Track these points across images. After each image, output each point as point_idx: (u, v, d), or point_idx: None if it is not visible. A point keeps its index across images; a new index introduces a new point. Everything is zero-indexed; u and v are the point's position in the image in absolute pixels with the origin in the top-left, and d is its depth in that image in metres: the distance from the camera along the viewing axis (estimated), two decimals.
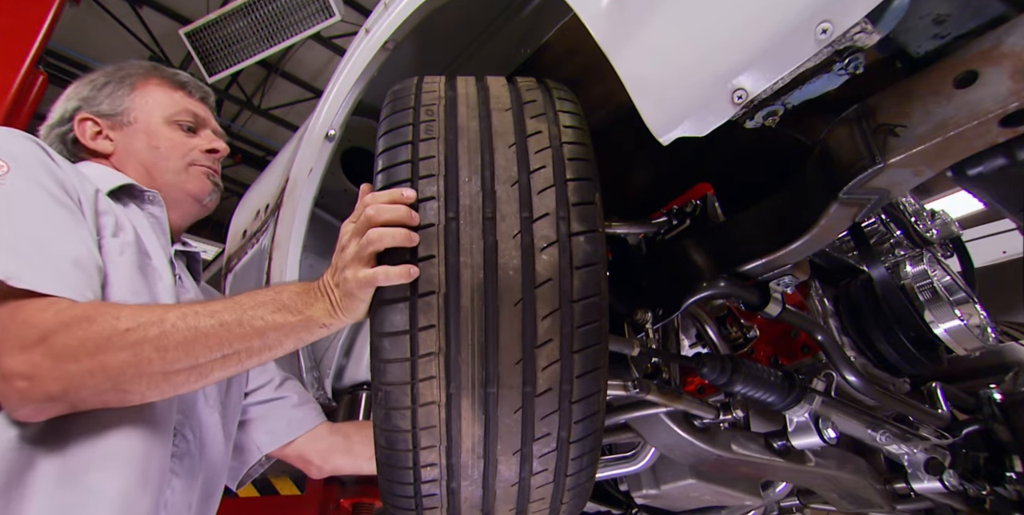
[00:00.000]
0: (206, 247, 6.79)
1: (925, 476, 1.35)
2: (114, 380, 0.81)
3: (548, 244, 0.82)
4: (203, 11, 5.63)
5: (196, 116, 1.30)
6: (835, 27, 0.61)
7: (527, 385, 0.81)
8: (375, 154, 0.89)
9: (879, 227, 1.46)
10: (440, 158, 0.85)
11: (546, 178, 0.85)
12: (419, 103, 0.92)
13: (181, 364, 0.82)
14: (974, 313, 1.24)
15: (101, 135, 1.24)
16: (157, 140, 1.24)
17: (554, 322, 0.81)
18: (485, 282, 0.80)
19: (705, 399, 1.20)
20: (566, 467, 0.89)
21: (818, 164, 0.98)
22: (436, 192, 0.82)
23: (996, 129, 0.75)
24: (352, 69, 1.45)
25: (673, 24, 0.74)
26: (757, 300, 1.07)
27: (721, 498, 1.45)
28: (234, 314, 0.84)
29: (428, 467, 0.84)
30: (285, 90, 8.19)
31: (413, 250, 0.80)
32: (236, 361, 0.85)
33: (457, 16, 1.34)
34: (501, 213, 0.82)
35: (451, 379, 0.79)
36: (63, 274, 0.87)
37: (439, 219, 0.81)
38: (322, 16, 4.33)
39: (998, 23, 0.76)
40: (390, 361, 0.78)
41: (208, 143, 1.29)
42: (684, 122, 0.73)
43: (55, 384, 0.80)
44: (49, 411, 0.84)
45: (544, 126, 0.89)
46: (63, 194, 0.96)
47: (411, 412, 0.80)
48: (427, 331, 0.78)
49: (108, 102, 1.25)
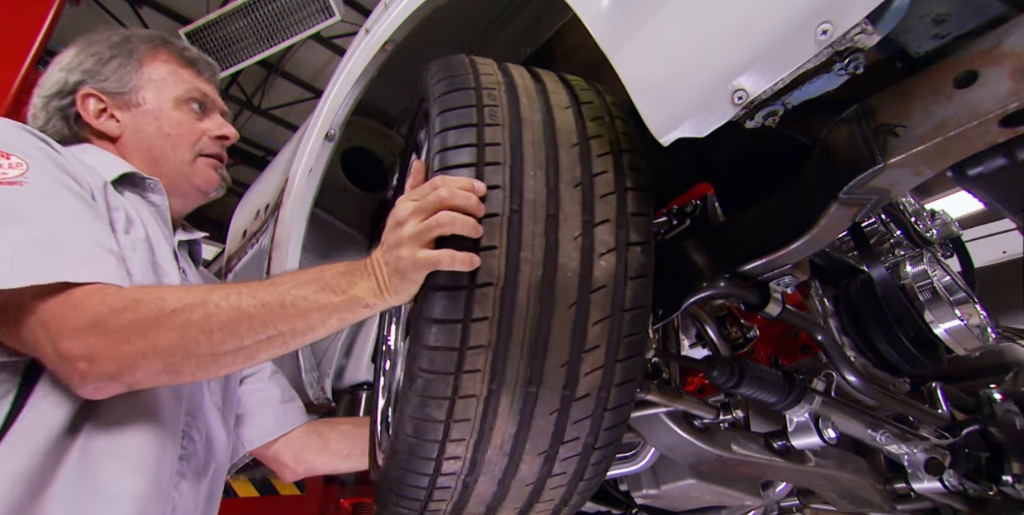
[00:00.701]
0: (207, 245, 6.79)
1: (925, 476, 1.35)
2: (165, 361, 0.82)
3: (607, 251, 0.81)
4: (203, 11, 5.63)
5: (206, 97, 1.26)
6: (835, 28, 0.61)
7: (567, 388, 0.81)
8: (431, 131, 0.86)
9: (879, 227, 1.46)
10: (506, 147, 0.83)
11: (607, 184, 0.85)
12: (479, 84, 0.89)
13: (227, 346, 0.82)
14: (974, 313, 1.24)
15: (106, 114, 1.18)
16: (168, 125, 1.19)
17: (603, 329, 0.80)
18: (543, 280, 0.79)
19: (705, 399, 1.20)
20: (583, 472, 0.89)
21: (818, 164, 0.98)
22: (502, 182, 0.81)
23: (996, 129, 0.75)
24: (352, 69, 1.45)
25: (673, 24, 0.74)
26: (757, 300, 1.07)
27: (721, 498, 1.45)
28: (276, 294, 0.82)
29: (451, 460, 0.83)
30: (285, 90, 8.19)
31: (475, 239, 0.77)
32: (280, 342, 0.84)
33: (457, 16, 1.35)
34: (564, 213, 0.81)
35: (496, 374, 0.78)
36: (104, 262, 0.87)
37: (503, 210, 0.79)
38: (322, 16, 4.33)
39: (998, 23, 0.76)
40: (436, 349, 0.76)
41: (218, 128, 1.25)
42: (684, 122, 0.73)
43: (112, 364, 0.81)
44: (109, 389, 0.85)
45: (604, 130, 0.88)
46: (80, 188, 0.95)
47: (449, 403, 0.78)
48: (480, 323, 0.77)
49: (115, 78, 1.18)
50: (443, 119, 0.85)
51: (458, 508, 0.90)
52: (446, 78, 0.91)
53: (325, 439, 1.35)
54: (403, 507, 0.90)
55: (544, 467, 0.86)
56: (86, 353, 0.80)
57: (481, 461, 0.83)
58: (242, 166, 8.75)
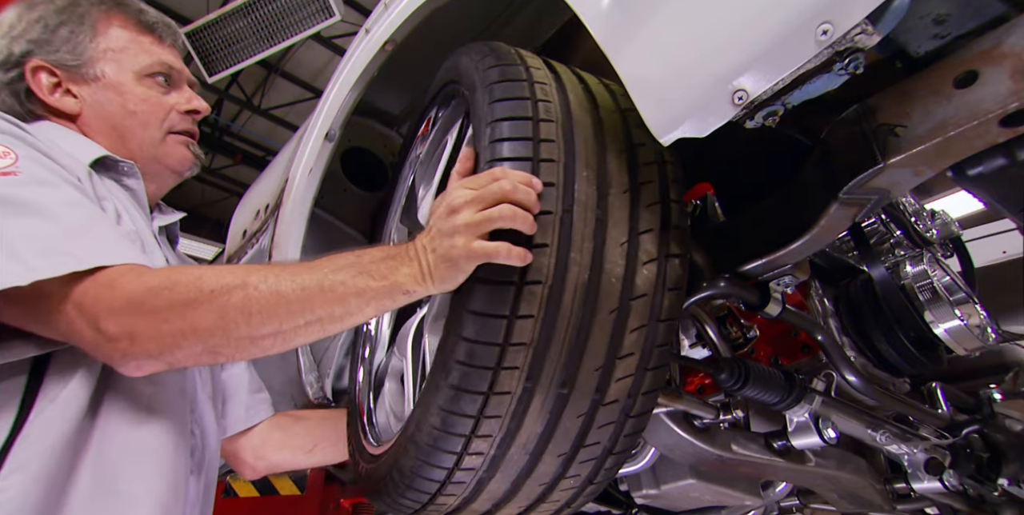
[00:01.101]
0: (207, 245, 6.81)
1: (925, 476, 1.35)
2: (204, 342, 0.80)
3: (649, 260, 0.81)
4: (203, 11, 5.63)
5: (171, 68, 1.15)
6: (835, 28, 0.61)
7: (598, 393, 0.81)
8: (482, 118, 0.85)
9: (879, 227, 1.46)
10: (560, 144, 0.82)
11: (653, 193, 0.85)
12: (531, 77, 0.88)
13: (266, 329, 0.80)
14: (974, 313, 1.24)
15: (60, 89, 1.08)
16: (132, 101, 1.09)
17: (639, 337, 0.81)
18: (589, 283, 0.78)
19: (705, 399, 1.20)
20: (595, 476, 0.89)
21: (818, 164, 0.98)
22: (556, 180, 0.80)
23: (996, 129, 0.75)
24: (352, 69, 1.45)
25: (674, 24, 0.74)
26: (757, 300, 1.07)
27: (721, 498, 1.44)
28: (315, 278, 0.80)
29: (474, 455, 0.82)
30: (285, 90, 8.20)
31: (529, 235, 0.77)
32: (319, 328, 0.82)
33: (458, 16, 1.34)
34: (612, 218, 0.81)
35: (532, 373, 0.78)
36: (126, 245, 0.86)
37: (556, 209, 0.78)
38: (322, 16, 4.33)
39: (998, 23, 0.76)
40: (477, 342, 0.76)
41: (187, 102, 1.16)
42: (685, 123, 0.73)
43: (152, 343, 0.80)
44: (149, 367, 0.84)
45: (648, 139, 0.88)
46: (70, 176, 0.93)
47: (483, 398, 0.77)
48: (525, 320, 0.76)
49: (67, 48, 1.07)
50: (498, 108, 0.84)
51: (465, 503, 0.89)
52: (499, 66, 0.89)
53: (287, 433, 1.29)
54: (408, 498, 0.89)
55: (561, 468, 0.86)
56: (126, 332, 0.79)
57: (502, 459, 0.83)
58: (242, 166, 8.76)
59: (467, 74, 0.97)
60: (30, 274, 0.77)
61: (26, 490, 0.79)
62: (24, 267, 0.78)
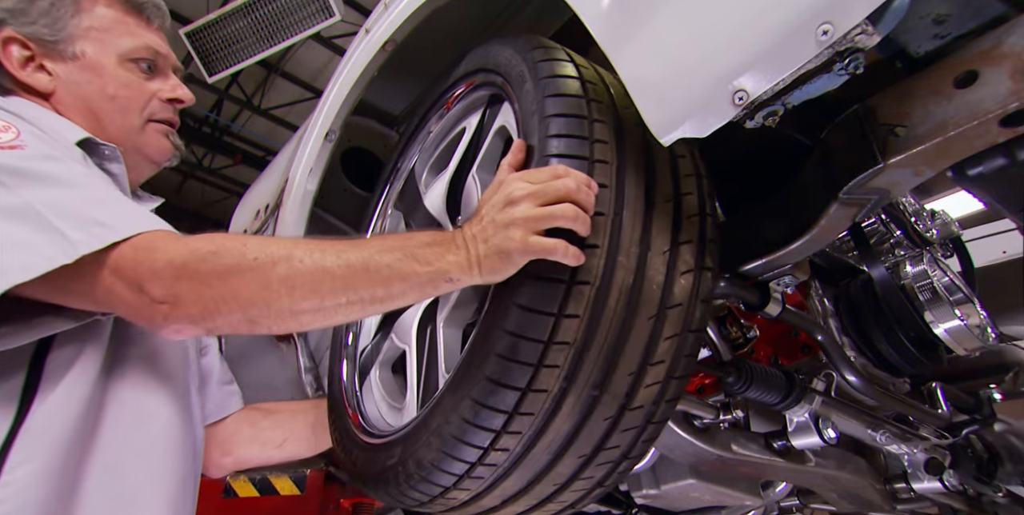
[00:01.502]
0: None
1: (925, 476, 1.35)
2: (245, 311, 0.79)
3: (687, 270, 0.82)
4: (203, 11, 5.63)
5: (157, 54, 1.10)
6: (836, 28, 0.61)
7: (627, 397, 0.81)
8: (536, 112, 0.85)
9: (879, 227, 1.46)
10: (612, 146, 0.82)
11: (692, 206, 0.85)
12: (582, 75, 0.88)
13: (307, 304, 0.78)
14: (974, 313, 1.24)
15: (33, 64, 1.02)
16: (113, 85, 1.04)
17: (671, 346, 0.81)
18: (632, 288, 0.78)
19: (705, 399, 1.20)
20: (608, 478, 0.90)
21: (818, 164, 0.99)
22: (609, 182, 0.80)
23: (996, 129, 0.75)
24: (352, 69, 1.45)
25: (674, 25, 0.74)
26: (757, 300, 1.07)
27: (721, 498, 1.44)
28: (360, 257, 0.78)
29: (499, 451, 0.81)
30: (285, 90, 8.20)
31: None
32: (359, 307, 0.80)
33: (458, 16, 1.35)
34: (657, 225, 0.82)
35: (571, 373, 0.77)
36: (151, 216, 0.85)
37: (609, 211, 0.79)
38: (322, 16, 4.33)
39: (998, 23, 0.76)
40: (522, 337, 0.75)
41: (171, 90, 1.11)
42: (685, 123, 0.73)
43: (194, 307, 0.78)
44: (187, 333, 0.82)
45: (687, 151, 0.89)
46: (75, 154, 0.91)
47: (520, 394, 0.77)
48: (571, 320, 0.76)
49: (44, 22, 1.01)
50: (553, 103, 0.84)
51: (474, 499, 0.89)
52: (551, 60, 0.89)
53: (256, 428, 1.26)
54: (419, 491, 0.88)
55: (577, 470, 0.87)
56: (170, 295, 0.78)
57: (525, 457, 0.82)
58: (242, 166, 8.76)
59: (511, 65, 0.96)
60: (74, 250, 0.76)
61: (32, 484, 0.78)
62: (66, 242, 0.76)
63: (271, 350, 1.64)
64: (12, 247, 0.76)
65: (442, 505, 0.91)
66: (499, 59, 1.01)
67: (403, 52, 1.38)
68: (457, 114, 1.23)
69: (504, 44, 1.01)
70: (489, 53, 1.06)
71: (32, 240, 0.76)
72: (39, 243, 0.76)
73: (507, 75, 0.97)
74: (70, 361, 0.87)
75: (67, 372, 0.87)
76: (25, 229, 0.77)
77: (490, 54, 1.06)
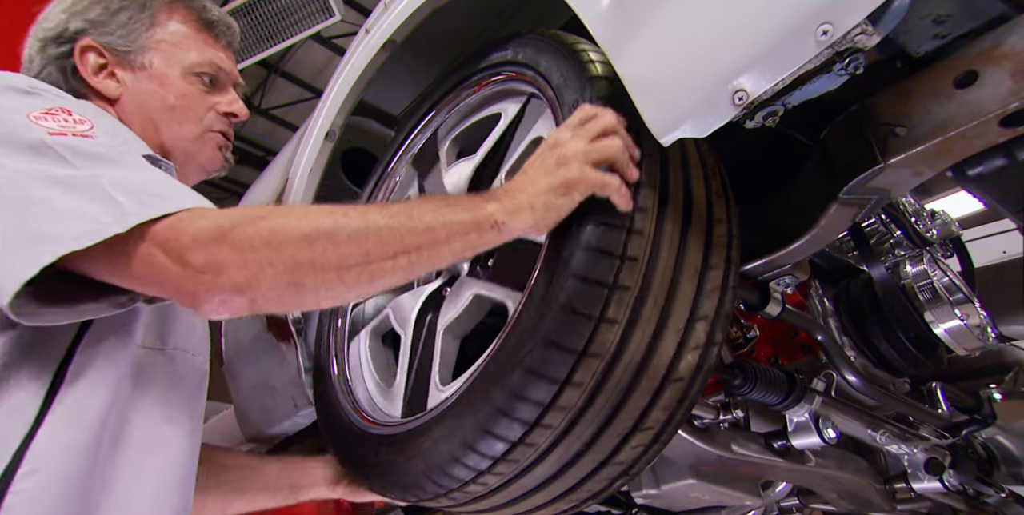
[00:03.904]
0: None
1: (925, 476, 1.35)
2: (291, 273, 0.77)
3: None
4: None
5: (219, 69, 1.14)
6: (836, 28, 0.61)
7: (611, 454, 0.85)
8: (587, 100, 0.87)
9: (879, 227, 1.46)
10: (652, 214, 0.83)
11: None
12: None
13: (353, 258, 0.78)
14: (974, 313, 1.24)
15: (105, 71, 1.07)
16: (173, 95, 1.09)
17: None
18: (640, 363, 0.80)
19: (705, 399, 1.20)
20: (608, 489, 0.91)
21: (818, 164, 0.99)
22: (641, 255, 0.80)
23: (996, 129, 0.75)
24: (352, 69, 1.45)
25: (674, 25, 0.74)
26: (757, 300, 1.07)
27: (721, 498, 1.44)
28: (402, 210, 0.81)
29: (526, 447, 0.81)
30: (285, 90, 8.19)
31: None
32: (406, 262, 0.79)
33: (458, 16, 1.35)
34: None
35: (563, 432, 0.81)
36: (206, 200, 0.85)
37: (636, 286, 0.79)
38: (322, 16, 4.33)
39: (998, 23, 0.77)
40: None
41: (228, 104, 1.15)
42: (685, 123, 0.73)
43: (238, 273, 0.76)
44: (233, 305, 0.80)
45: (724, 216, 0.90)
46: (143, 151, 0.92)
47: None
48: (574, 389, 0.77)
49: (121, 33, 1.07)
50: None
51: (488, 493, 0.89)
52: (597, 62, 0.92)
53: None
54: (439, 483, 0.87)
55: (585, 479, 0.88)
56: (213, 262, 0.76)
57: (545, 457, 0.83)
58: (242, 166, 8.76)
59: (565, 86, 0.95)
60: (125, 219, 0.75)
61: (46, 490, 0.78)
62: (119, 211, 0.76)
63: (271, 350, 1.64)
64: (68, 215, 0.76)
65: (447, 500, 0.92)
66: (552, 74, 0.99)
67: (403, 52, 1.39)
68: (494, 95, 1.21)
69: (561, 57, 0.98)
70: (541, 57, 1.03)
71: (87, 209, 0.76)
72: (94, 212, 0.76)
73: (558, 94, 0.96)
74: (92, 368, 0.87)
75: (87, 380, 0.86)
76: (81, 198, 0.77)
77: (542, 59, 1.03)
